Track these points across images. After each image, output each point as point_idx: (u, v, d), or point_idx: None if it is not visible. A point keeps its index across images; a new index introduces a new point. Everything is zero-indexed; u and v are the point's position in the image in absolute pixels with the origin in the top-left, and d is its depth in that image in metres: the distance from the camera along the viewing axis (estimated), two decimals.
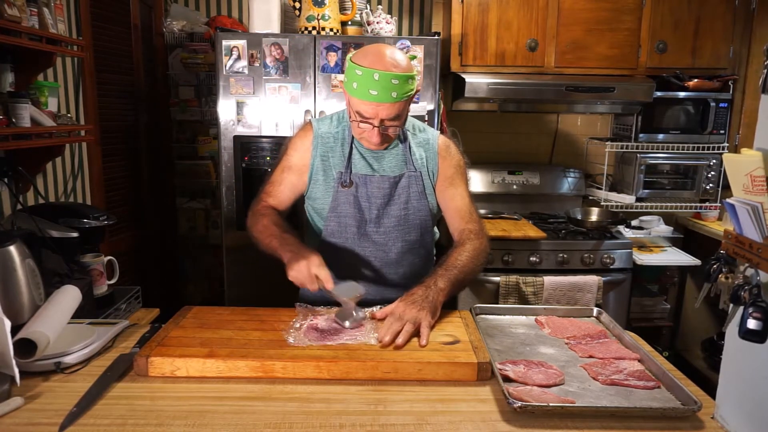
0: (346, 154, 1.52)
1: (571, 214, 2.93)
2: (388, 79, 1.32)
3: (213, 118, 3.21)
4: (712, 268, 0.99)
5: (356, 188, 1.51)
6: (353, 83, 1.36)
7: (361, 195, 1.52)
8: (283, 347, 1.15)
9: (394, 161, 1.54)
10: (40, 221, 1.70)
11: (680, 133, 2.94)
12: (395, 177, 1.52)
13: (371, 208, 1.52)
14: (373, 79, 1.32)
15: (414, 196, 1.53)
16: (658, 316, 3.09)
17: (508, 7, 2.78)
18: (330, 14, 2.49)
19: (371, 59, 1.34)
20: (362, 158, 1.53)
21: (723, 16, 2.83)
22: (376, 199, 1.51)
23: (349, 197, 1.51)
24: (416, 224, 1.55)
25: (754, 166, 0.85)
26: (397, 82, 1.33)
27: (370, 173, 1.52)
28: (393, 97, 1.34)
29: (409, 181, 1.52)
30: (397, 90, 1.34)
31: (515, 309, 1.47)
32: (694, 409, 0.97)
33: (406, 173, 1.52)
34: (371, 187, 1.51)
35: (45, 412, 0.98)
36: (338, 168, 1.52)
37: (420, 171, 1.53)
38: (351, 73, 1.37)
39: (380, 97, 1.34)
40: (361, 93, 1.35)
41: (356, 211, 1.52)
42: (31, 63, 1.88)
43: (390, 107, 1.36)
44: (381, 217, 1.52)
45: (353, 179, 1.51)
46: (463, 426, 0.95)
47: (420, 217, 1.55)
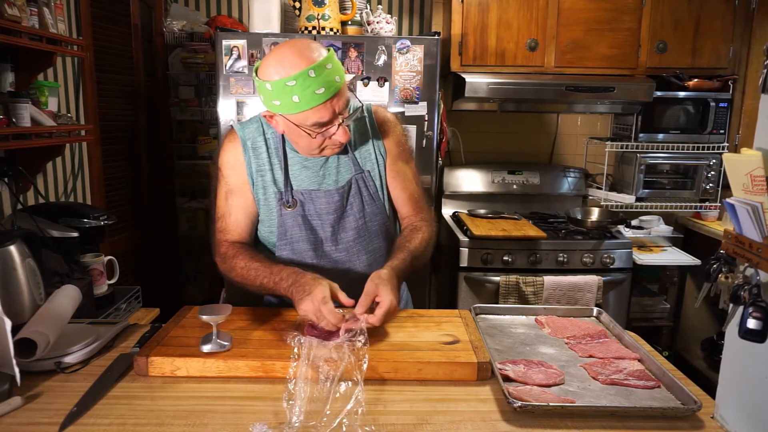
0: (283, 168, 1.34)
1: (571, 214, 2.93)
2: (323, 67, 1.16)
3: (213, 118, 3.21)
4: (712, 268, 0.99)
5: (302, 207, 1.34)
6: (292, 97, 1.17)
7: (310, 213, 1.34)
8: (283, 347, 1.15)
9: (340, 164, 1.37)
10: (40, 221, 1.70)
11: (680, 133, 2.94)
12: (344, 186, 1.36)
13: (324, 226, 1.35)
14: (311, 79, 1.15)
15: (367, 201, 1.38)
16: (658, 316, 3.09)
17: (508, 7, 2.78)
18: (330, 14, 2.49)
19: (290, 63, 1.17)
20: (304, 169, 1.35)
21: (723, 16, 2.83)
22: (327, 216, 1.35)
23: (297, 218, 1.34)
24: (376, 231, 1.40)
25: (754, 166, 0.85)
26: (331, 66, 1.18)
27: (314, 187, 1.35)
28: (337, 81, 1.20)
29: (358, 186, 1.37)
30: (335, 73, 1.19)
31: (515, 309, 1.47)
32: (694, 408, 0.97)
33: (354, 177, 1.37)
34: (319, 204, 1.34)
35: (45, 411, 0.98)
36: (277, 185, 1.35)
37: (368, 170, 1.38)
38: (282, 89, 1.16)
39: (328, 91, 1.18)
40: (306, 101, 1.17)
41: (308, 233, 1.35)
42: (31, 63, 1.88)
43: (340, 95, 1.22)
44: (337, 233, 1.36)
45: (296, 197, 1.33)
46: (463, 426, 0.95)
47: (378, 222, 1.40)
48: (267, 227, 1.38)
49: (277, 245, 1.37)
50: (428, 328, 1.28)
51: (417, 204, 1.45)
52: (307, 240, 1.35)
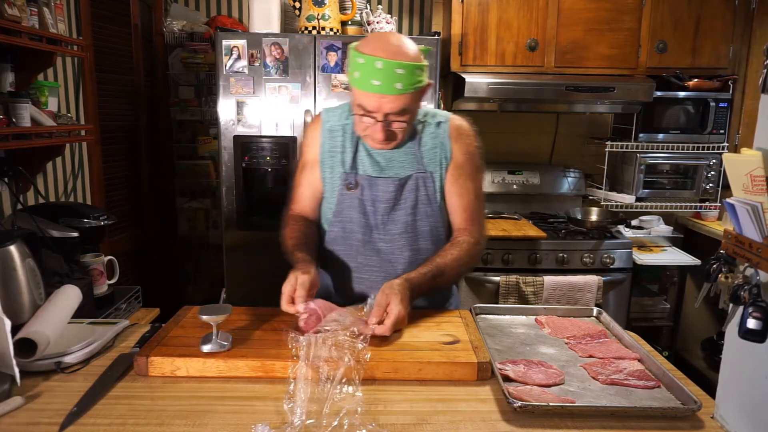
0: (353, 152, 1.41)
1: (571, 213, 2.93)
2: (392, 68, 1.20)
3: (213, 118, 3.21)
4: (711, 268, 0.99)
5: (361, 191, 1.39)
6: (355, 72, 1.25)
7: (366, 198, 1.39)
8: (283, 347, 1.15)
9: (404, 160, 1.41)
10: (40, 221, 1.70)
11: (680, 133, 2.94)
12: (402, 179, 1.39)
13: (376, 212, 1.39)
14: (375, 68, 1.20)
15: (422, 200, 1.40)
16: (658, 316, 3.09)
17: (508, 7, 2.78)
18: (330, 14, 2.49)
19: (374, 46, 1.23)
20: (369, 156, 1.41)
21: (723, 16, 2.83)
22: (380, 204, 1.39)
23: (354, 201, 1.40)
24: (425, 232, 1.42)
25: (754, 166, 0.85)
26: (402, 71, 1.21)
27: (376, 174, 1.40)
28: (397, 88, 1.22)
29: (416, 183, 1.39)
30: (403, 81, 1.22)
31: (515, 309, 1.47)
32: (694, 408, 0.97)
33: (414, 174, 1.39)
34: (376, 190, 1.39)
35: (45, 411, 0.98)
36: (345, 167, 1.41)
37: (431, 172, 1.40)
38: (353, 62, 1.25)
39: (383, 88, 1.22)
40: (362, 83, 1.24)
41: (361, 216, 1.40)
42: (31, 63, 1.88)
43: (394, 100, 1.24)
44: (386, 223, 1.40)
45: (358, 180, 1.39)
46: (463, 426, 0.95)
47: (430, 224, 1.42)
48: (328, 205, 1.45)
49: (331, 221, 1.44)
50: (428, 328, 1.28)
51: (470, 217, 1.44)
52: (359, 223, 1.41)
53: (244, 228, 2.55)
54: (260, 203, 2.60)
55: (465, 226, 1.44)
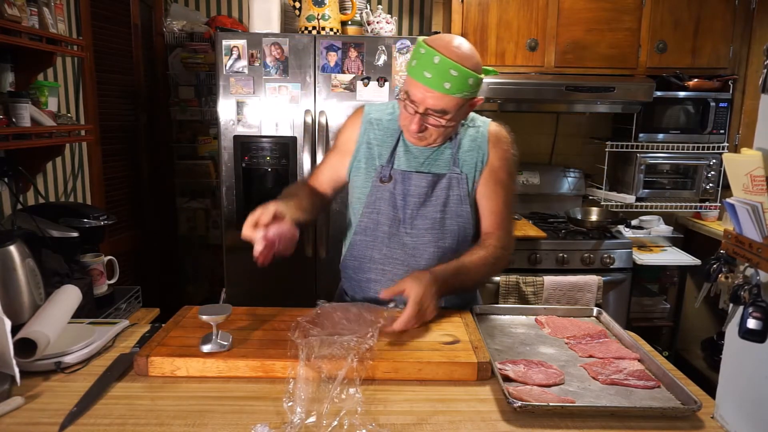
0: (392, 146, 1.44)
1: (571, 213, 2.93)
2: (447, 67, 1.23)
3: (213, 118, 3.21)
4: (712, 268, 0.99)
5: (394, 184, 1.42)
6: (413, 60, 1.28)
7: (398, 192, 1.42)
8: (283, 347, 1.15)
9: (441, 159, 1.43)
10: (40, 221, 1.70)
11: (680, 133, 2.94)
12: (436, 175, 1.41)
13: (406, 207, 1.41)
14: (431, 62, 1.23)
15: (453, 200, 1.41)
16: (658, 316, 3.09)
17: (508, 7, 2.78)
18: (330, 14, 2.49)
19: (439, 43, 1.26)
20: (407, 152, 1.43)
21: (723, 16, 2.83)
22: (411, 198, 1.41)
23: (386, 194, 1.42)
24: (453, 231, 1.43)
25: (754, 166, 0.85)
26: (456, 74, 1.23)
27: (411, 169, 1.42)
28: (445, 87, 1.24)
29: (450, 182, 1.41)
30: (453, 82, 1.24)
31: (515, 309, 1.47)
32: (694, 408, 0.97)
33: (448, 174, 1.41)
34: (408, 184, 1.41)
35: (45, 411, 0.98)
36: (381, 160, 1.44)
37: (466, 174, 1.42)
38: (415, 50, 1.28)
39: (431, 82, 1.24)
40: (415, 72, 1.26)
41: (390, 209, 1.42)
42: (31, 63, 1.89)
43: (439, 98, 1.26)
44: (414, 218, 1.42)
45: (393, 175, 1.42)
46: (463, 426, 0.95)
47: (458, 223, 1.42)
48: (357, 195, 1.47)
49: (363, 212, 1.45)
50: (428, 328, 1.28)
51: (498, 222, 1.44)
52: (387, 215, 1.43)
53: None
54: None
55: (492, 230, 1.44)
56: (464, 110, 1.34)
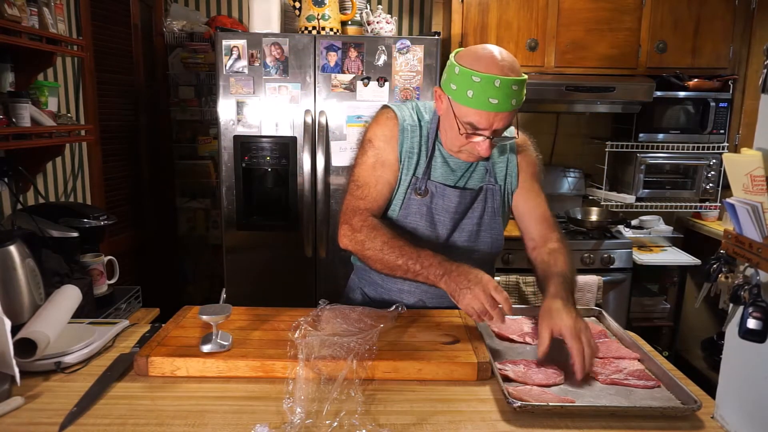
0: (427, 157, 1.37)
1: (571, 213, 2.93)
2: (509, 85, 1.18)
3: (213, 118, 3.21)
4: (712, 268, 0.99)
5: (431, 198, 1.36)
6: (467, 92, 1.19)
7: (436, 207, 1.36)
8: (283, 347, 1.15)
9: (477, 171, 1.40)
10: (40, 221, 1.70)
11: (680, 133, 2.94)
12: (475, 190, 1.38)
13: (445, 222, 1.37)
14: (494, 87, 1.17)
15: (488, 211, 1.40)
16: (658, 316, 3.09)
17: (508, 7, 2.78)
18: (330, 14, 2.49)
19: (487, 63, 1.19)
20: (444, 164, 1.37)
21: (723, 16, 2.83)
22: (450, 213, 1.37)
23: (422, 207, 1.36)
24: (486, 242, 1.42)
25: (754, 166, 0.85)
26: (517, 87, 1.20)
27: (450, 183, 1.37)
28: (513, 104, 1.21)
29: (486, 195, 1.39)
30: (516, 97, 1.21)
31: (515, 309, 1.46)
32: (693, 408, 0.97)
33: (485, 186, 1.39)
34: (448, 200, 1.36)
35: (45, 411, 0.98)
36: (418, 172, 1.36)
37: (499, 184, 1.40)
38: (465, 80, 1.20)
39: (501, 106, 1.19)
40: (479, 103, 1.19)
41: (428, 224, 1.37)
42: (31, 63, 1.88)
43: (507, 116, 1.23)
44: (453, 231, 1.38)
45: (429, 187, 1.35)
46: (463, 426, 0.95)
47: (492, 235, 1.41)
48: (392, 207, 1.39)
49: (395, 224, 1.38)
50: (428, 328, 1.28)
51: (549, 224, 1.42)
52: (425, 229, 1.37)
53: (244, 228, 2.55)
54: (260, 203, 2.60)
55: (548, 234, 1.41)
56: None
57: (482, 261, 1.42)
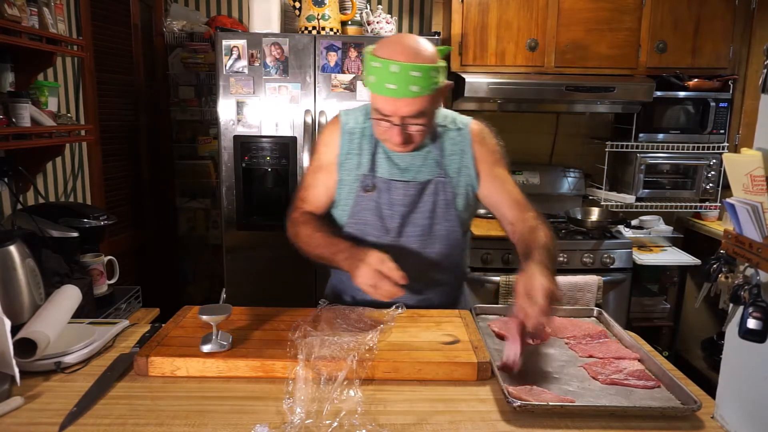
0: (371, 154, 1.41)
1: (571, 214, 2.93)
2: (407, 70, 1.19)
3: (213, 118, 3.21)
4: (712, 268, 0.99)
5: (378, 194, 1.39)
6: (370, 77, 1.25)
7: (383, 201, 1.39)
8: (283, 347, 1.15)
9: (423, 164, 1.41)
10: (40, 221, 1.70)
11: (680, 133, 2.94)
12: (422, 183, 1.40)
13: (393, 216, 1.39)
14: (390, 72, 1.20)
15: (441, 205, 1.40)
16: (658, 316, 3.09)
17: (508, 7, 2.78)
18: (330, 14, 2.49)
19: (391, 49, 1.22)
20: (388, 160, 1.41)
21: (723, 16, 2.83)
22: (399, 207, 1.39)
23: (371, 203, 1.40)
24: (442, 235, 1.42)
25: (754, 166, 0.85)
26: (419, 74, 1.20)
27: (395, 178, 1.40)
28: (413, 91, 1.21)
29: (436, 188, 1.40)
30: (419, 84, 1.21)
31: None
32: (693, 408, 0.97)
33: (435, 179, 1.40)
34: (395, 194, 1.39)
35: (45, 411, 0.98)
36: (362, 169, 1.41)
37: (452, 177, 1.41)
38: (368, 66, 1.25)
39: (398, 92, 1.21)
40: (377, 87, 1.23)
41: (377, 219, 1.40)
42: (31, 63, 1.88)
43: (411, 103, 1.23)
44: (403, 225, 1.40)
45: (376, 183, 1.39)
46: (463, 426, 0.95)
47: (447, 228, 1.42)
48: (342, 208, 1.45)
49: (347, 224, 1.44)
50: (428, 328, 1.28)
51: (522, 206, 1.44)
52: (374, 225, 1.41)
53: (244, 228, 2.55)
54: (260, 203, 2.61)
55: (523, 215, 1.42)
56: (438, 101, 1.32)
57: (440, 254, 1.43)
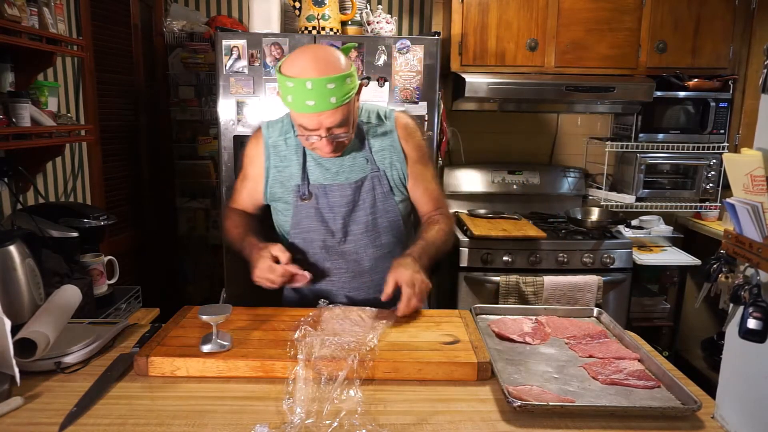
0: (301, 163, 1.43)
1: (571, 214, 2.93)
2: (323, 84, 1.21)
3: (213, 118, 3.21)
4: (712, 268, 0.99)
5: (316, 200, 1.42)
6: (287, 96, 1.25)
7: (323, 206, 1.43)
8: (283, 347, 1.15)
9: (355, 163, 1.44)
10: (40, 221, 1.70)
11: (680, 133, 2.94)
12: (357, 181, 1.43)
13: (335, 218, 1.43)
14: (306, 89, 1.21)
15: (379, 198, 1.45)
16: (658, 316, 3.09)
17: (508, 7, 2.78)
18: (330, 14, 2.49)
19: (301, 66, 1.23)
20: (319, 165, 1.44)
21: (723, 16, 2.83)
22: (339, 209, 1.42)
23: (310, 211, 1.43)
24: (386, 227, 1.47)
25: (754, 166, 0.85)
26: (333, 85, 1.22)
27: (329, 182, 1.43)
28: (332, 102, 1.23)
29: (372, 183, 1.44)
30: (336, 94, 1.23)
31: (515, 309, 1.47)
32: (693, 408, 0.97)
33: (369, 175, 1.44)
34: (332, 197, 1.42)
35: (45, 411, 0.98)
36: (295, 180, 1.44)
37: (383, 170, 1.45)
38: (282, 86, 1.25)
39: (318, 107, 1.23)
40: (297, 105, 1.25)
41: (320, 224, 1.43)
42: (31, 63, 1.88)
43: (332, 114, 1.26)
44: (347, 225, 1.44)
45: (312, 191, 1.42)
46: (463, 426, 0.95)
47: (389, 219, 1.47)
48: (284, 217, 1.49)
49: (291, 233, 1.47)
50: (428, 328, 1.28)
51: (434, 201, 1.53)
52: (318, 231, 1.44)
53: None
54: None
55: (434, 206, 1.53)
56: (356, 102, 1.35)
57: (389, 245, 1.49)
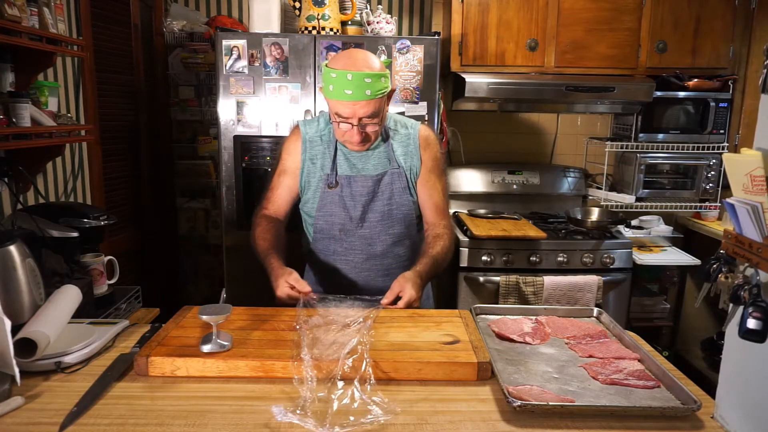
0: (332, 156, 1.63)
1: (571, 214, 2.93)
2: (361, 78, 1.42)
3: (213, 118, 3.21)
4: (711, 268, 0.99)
5: (341, 188, 1.62)
6: (329, 86, 1.46)
7: (346, 195, 1.61)
8: (283, 347, 1.15)
9: (377, 160, 1.63)
10: (40, 221, 1.70)
11: (680, 133, 2.94)
12: (378, 175, 1.62)
13: (356, 206, 1.61)
14: (346, 80, 1.42)
15: (397, 191, 1.62)
16: (658, 316, 3.09)
17: (508, 7, 2.78)
18: (330, 14, 2.49)
19: (344, 62, 1.46)
20: (346, 159, 1.64)
21: (723, 16, 2.83)
22: (360, 197, 1.61)
23: (335, 197, 1.62)
24: (400, 218, 1.64)
25: (754, 166, 0.85)
26: (370, 80, 1.43)
27: (354, 173, 1.63)
28: (367, 95, 1.44)
29: (392, 178, 1.62)
30: (371, 88, 1.44)
31: (515, 309, 1.47)
32: (693, 408, 0.97)
33: (389, 171, 1.62)
34: (355, 187, 1.61)
35: (45, 411, 0.98)
36: (325, 170, 1.63)
37: (402, 168, 1.63)
38: (326, 77, 1.47)
39: (355, 96, 1.44)
40: (336, 94, 1.45)
41: (341, 210, 1.62)
42: (31, 63, 1.88)
43: (366, 105, 1.46)
44: (366, 213, 1.62)
45: (338, 180, 1.62)
46: (463, 426, 0.95)
47: (403, 211, 1.64)
48: (311, 204, 1.66)
49: (316, 216, 1.65)
50: (428, 328, 1.28)
51: (440, 213, 1.67)
52: (339, 216, 1.63)
53: (244, 228, 2.54)
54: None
55: (437, 220, 1.67)
56: (387, 103, 1.55)
57: (400, 234, 1.65)
